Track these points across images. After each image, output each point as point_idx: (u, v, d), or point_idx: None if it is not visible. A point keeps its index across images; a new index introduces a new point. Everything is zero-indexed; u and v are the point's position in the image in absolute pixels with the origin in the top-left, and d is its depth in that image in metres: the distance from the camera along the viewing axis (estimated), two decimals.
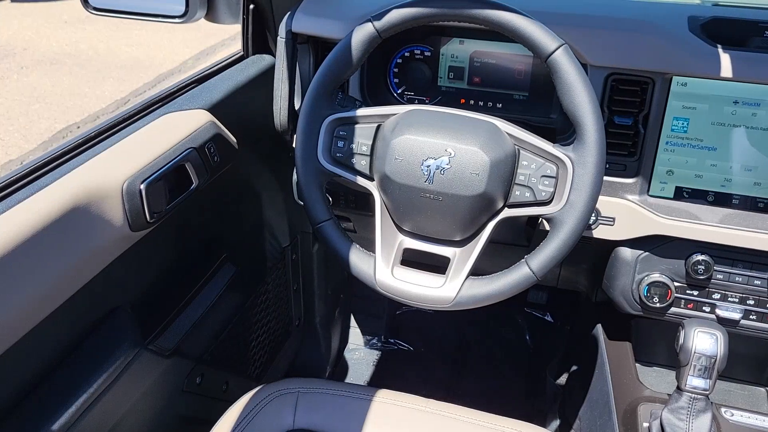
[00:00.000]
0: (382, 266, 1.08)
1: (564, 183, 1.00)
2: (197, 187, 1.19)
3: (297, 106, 1.34)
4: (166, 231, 1.17)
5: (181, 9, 1.26)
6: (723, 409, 1.26)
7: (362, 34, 1.07)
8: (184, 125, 1.20)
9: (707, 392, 1.12)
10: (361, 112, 1.09)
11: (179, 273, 1.29)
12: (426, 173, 1.02)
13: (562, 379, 1.85)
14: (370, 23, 1.06)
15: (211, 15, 1.33)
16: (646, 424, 1.21)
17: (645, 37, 1.14)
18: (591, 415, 1.41)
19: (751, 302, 1.22)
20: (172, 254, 1.26)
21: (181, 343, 1.26)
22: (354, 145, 1.08)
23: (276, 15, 1.40)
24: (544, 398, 1.92)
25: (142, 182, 1.06)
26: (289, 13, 1.30)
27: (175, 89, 1.34)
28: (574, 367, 1.74)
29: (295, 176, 1.38)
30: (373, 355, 2.14)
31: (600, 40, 1.15)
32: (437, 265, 1.08)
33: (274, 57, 1.38)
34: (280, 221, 1.69)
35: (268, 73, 1.42)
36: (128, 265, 1.11)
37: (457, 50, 1.30)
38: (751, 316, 1.23)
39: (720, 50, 1.11)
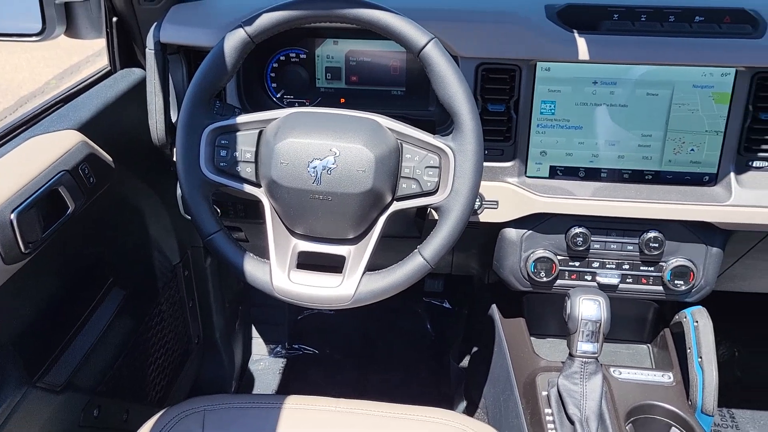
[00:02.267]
0: (277, 272, 1.07)
1: (447, 172, 1.04)
2: (74, 211, 1.13)
3: (174, 119, 1.30)
4: (44, 260, 1.11)
5: (38, 26, 1.18)
6: (612, 369, 1.35)
7: (234, 40, 1.05)
8: (54, 147, 1.14)
9: (596, 355, 1.19)
10: (242, 119, 1.08)
11: (64, 303, 1.22)
12: (313, 174, 1.02)
13: (465, 362, 1.91)
14: (241, 29, 1.05)
15: (72, 31, 1.26)
16: (545, 393, 1.27)
17: (508, 27, 1.20)
18: (494, 392, 1.47)
19: (627, 267, 1.31)
20: (54, 284, 1.20)
21: (72, 377, 1.19)
22: (237, 153, 1.07)
23: (142, 26, 1.35)
24: (449, 382, 1.97)
25: (12, 212, 0.99)
26: (155, 23, 1.26)
27: (39, 110, 1.27)
28: (475, 349, 1.81)
29: (179, 190, 1.34)
30: (279, 363, 2.12)
31: (467, 33, 1.20)
32: (333, 265, 1.09)
33: (144, 70, 1.33)
34: (168, 238, 1.63)
35: (140, 86, 1.37)
36: (5, 300, 1.04)
37: (333, 51, 1.31)
38: (627, 280, 1.32)
39: (576, 35, 1.18)
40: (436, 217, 1.07)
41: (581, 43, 1.18)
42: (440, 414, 1.16)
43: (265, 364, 2.13)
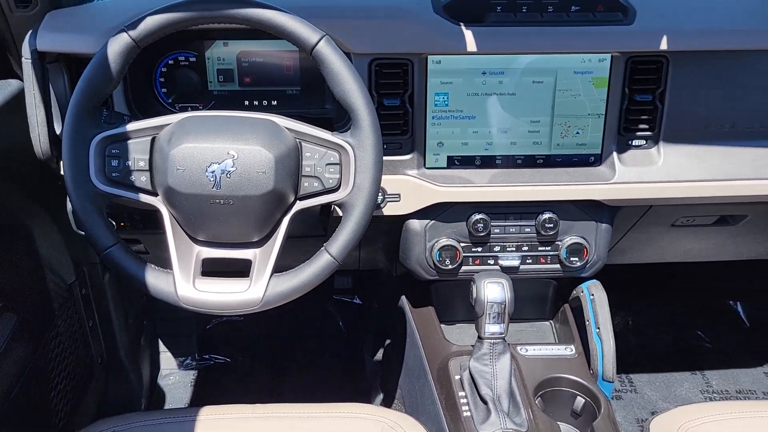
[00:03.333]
0: (182, 281, 1.05)
1: (348, 168, 1.04)
2: None
3: (58, 130, 1.24)
4: None
5: None
6: (519, 347, 1.40)
7: (118, 45, 1.02)
8: None
9: (503, 335, 1.24)
10: (132, 126, 1.04)
11: None
12: (212, 179, 1.00)
13: (379, 355, 1.93)
14: (125, 33, 1.02)
15: None
16: (457, 377, 1.31)
17: (397, 23, 1.22)
18: (409, 381, 1.50)
19: (526, 248, 1.37)
20: None
21: None
22: (130, 162, 1.03)
23: (16, 35, 1.27)
24: (365, 377, 1.99)
25: None
26: (31, 31, 1.19)
27: None
28: (388, 341, 1.83)
29: (69, 205, 1.28)
30: (190, 376, 2.06)
31: (358, 29, 1.21)
32: (240, 270, 1.08)
33: (22, 81, 1.26)
34: (61, 256, 1.55)
35: (18, 98, 1.29)
36: None
37: (223, 52, 1.29)
38: (527, 261, 1.38)
39: (463, 28, 1.22)
40: (341, 213, 1.08)
41: (468, 35, 1.22)
42: (358, 408, 1.17)
43: (175, 378, 2.06)
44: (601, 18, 1.24)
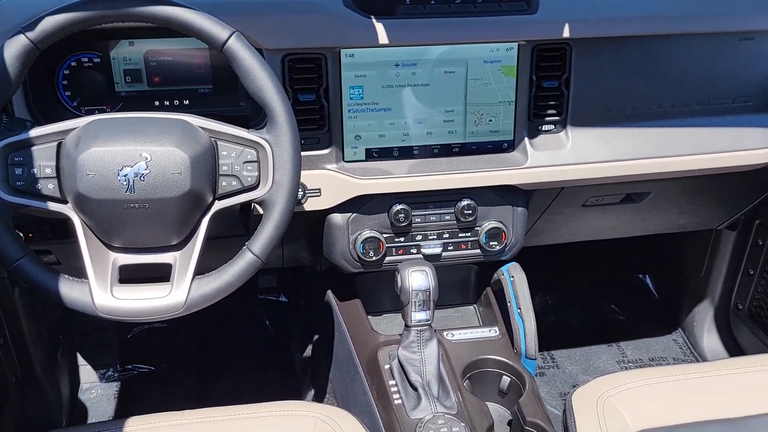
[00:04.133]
0: (98, 290, 1.01)
1: (266, 165, 1.03)
2: None
3: None
4: None
5: None
6: (445, 333, 1.43)
7: (15, 47, 0.97)
8: None
9: (429, 322, 1.26)
10: (35, 132, 0.99)
11: None
12: (125, 183, 0.97)
13: (308, 351, 1.93)
14: (22, 35, 0.97)
15: None
16: (387, 366, 1.33)
17: (308, 17, 1.22)
18: (340, 375, 1.50)
19: (447, 236, 1.40)
20: None
21: None
22: (35, 170, 0.99)
23: None
24: (295, 374, 1.98)
25: None
26: None
27: None
28: (316, 337, 1.83)
29: None
30: (113, 388, 1.99)
31: (269, 25, 1.20)
32: (160, 275, 1.05)
33: None
34: None
35: None
36: None
37: (129, 52, 1.25)
38: (449, 248, 1.41)
39: (374, 20, 1.23)
40: (261, 211, 1.07)
41: (379, 28, 1.23)
42: (290, 406, 1.17)
43: (97, 391, 1.99)
44: (507, 8, 1.28)
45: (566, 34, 1.28)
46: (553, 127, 1.37)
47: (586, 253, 2.27)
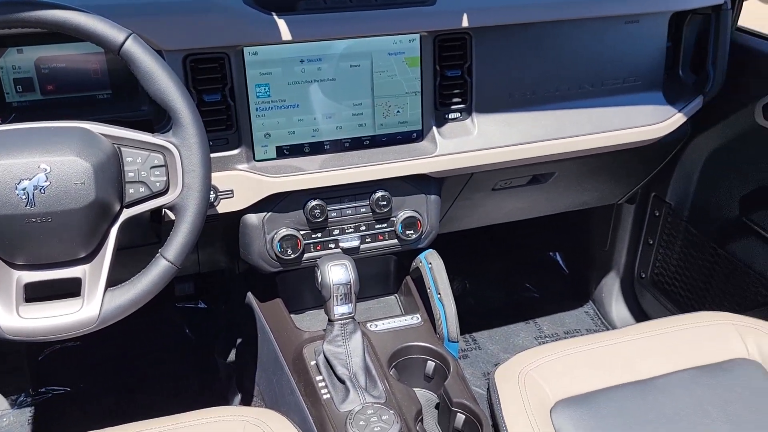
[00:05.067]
0: (3, 312, 0.96)
1: (175, 169, 1.01)
2: None
3: None
4: None
5: None
6: (368, 324, 1.45)
7: None
8: None
9: (352, 315, 1.27)
10: None
11: None
12: (24, 197, 0.93)
13: (232, 356, 1.90)
14: None
15: None
16: (313, 362, 1.33)
17: (207, 16, 1.19)
18: (266, 376, 1.49)
19: (364, 228, 1.41)
20: None
21: None
22: None
23: None
24: (220, 380, 1.94)
25: None
26: None
27: None
28: (239, 340, 1.81)
29: None
30: (26, 414, 1.90)
31: (167, 26, 1.17)
32: (70, 291, 1.01)
33: None
34: None
35: None
36: None
37: (18, 60, 1.18)
38: (366, 240, 1.42)
39: (275, 17, 1.22)
40: (173, 217, 1.05)
41: (281, 24, 1.22)
42: (217, 412, 1.15)
43: (9, 419, 1.88)
44: (406, 0, 1.30)
45: (465, 23, 1.32)
46: (459, 114, 1.41)
47: (499, 235, 2.35)
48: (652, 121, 1.51)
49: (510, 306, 2.25)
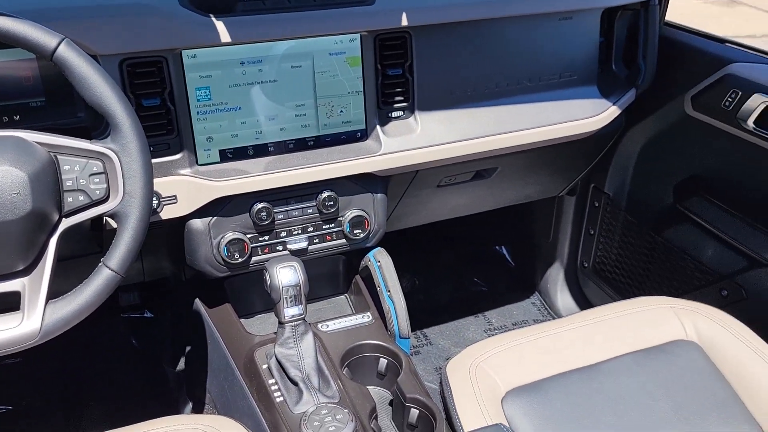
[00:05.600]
0: None
1: (115, 176, 0.99)
2: None
3: None
4: None
5: None
6: (320, 325, 1.45)
7: None
8: None
9: (303, 316, 1.27)
10: None
11: None
12: None
13: (181, 364, 1.87)
14: None
15: None
16: (265, 366, 1.32)
17: (143, 19, 1.17)
18: (217, 383, 1.47)
19: (311, 229, 1.41)
20: None
21: None
22: None
23: None
24: (170, 390, 1.91)
25: None
26: None
27: None
28: (188, 348, 1.78)
29: None
30: None
31: (102, 30, 1.15)
32: (9, 305, 0.98)
33: None
34: None
35: None
36: None
37: None
38: (315, 241, 1.42)
39: (213, 19, 1.21)
40: (115, 225, 1.02)
41: (220, 26, 1.21)
42: (169, 421, 1.13)
43: None
44: (345, 0, 1.30)
45: (404, 22, 1.33)
46: (402, 113, 1.42)
47: (446, 231, 2.37)
48: (588, 115, 1.55)
49: (459, 301, 2.28)
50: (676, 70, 1.62)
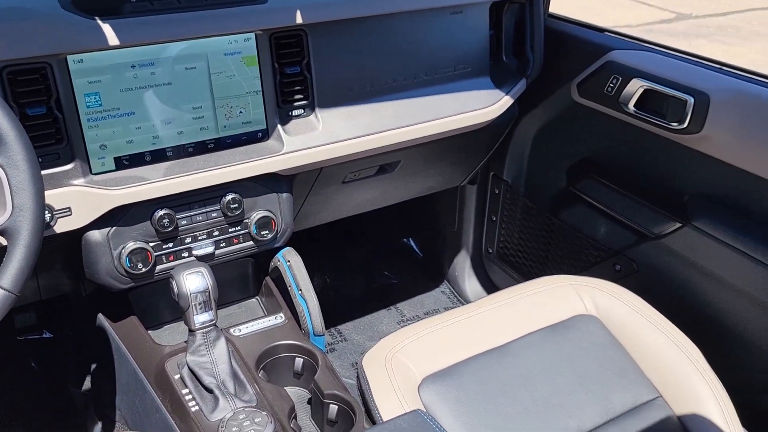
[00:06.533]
0: None
1: (2, 190, 0.94)
2: None
3: None
4: None
5: None
6: (231, 329, 1.43)
7: None
8: None
9: (214, 322, 1.25)
10: None
11: None
12: None
13: (87, 384, 1.79)
14: None
15: None
16: (177, 376, 1.29)
17: (23, 24, 1.11)
18: (128, 399, 1.42)
19: (217, 233, 1.39)
20: None
21: None
22: None
23: None
24: (76, 412, 1.83)
25: None
26: None
27: None
28: (94, 366, 1.70)
29: None
30: None
31: None
32: None
33: None
34: None
35: None
36: None
37: None
38: (221, 245, 1.40)
39: (99, 22, 1.16)
40: (5, 242, 0.97)
41: (106, 29, 1.17)
42: None
43: None
44: None
45: (299, 20, 1.33)
46: (303, 111, 1.42)
47: (354, 227, 2.39)
48: (483, 105, 1.61)
49: (371, 295, 2.30)
50: (562, 60, 1.70)
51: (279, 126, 1.39)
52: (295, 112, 1.41)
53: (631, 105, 1.52)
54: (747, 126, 1.32)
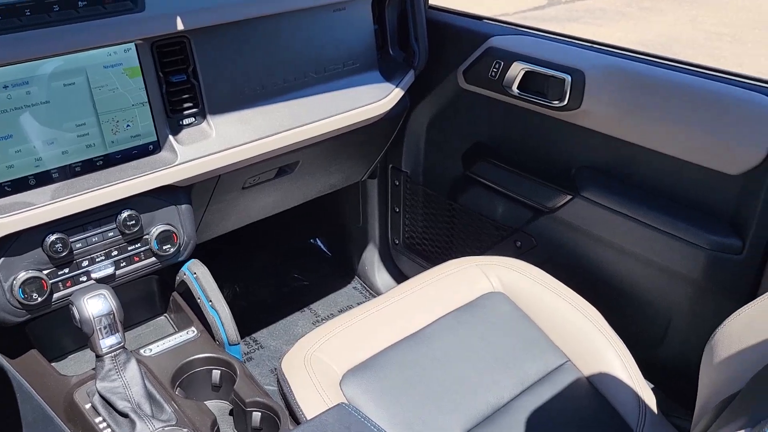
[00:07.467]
0: None
1: None
2: None
3: None
4: None
5: None
6: (141, 350, 1.38)
7: None
8: None
9: (122, 344, 1.21)
10: None
11: None
12: None
13: None
14: None
15: None
16: (88, 405, 1.23)
17: None
18: None
19: (116, 253, 1.33)
20: None
21: None
22: None
23: None
24: None
25: None
26: None
27: None
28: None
29: None
30: None
31: None
32: None
33: None
34: None
35: None
36: None
37: None
38: (122, 265, 1.35)
39: None
40: None
41: None
42: None
43: None
44: (112, 9, 1.24)
45: (179, 27, 1.30)
46: (194, 119, 1.39)
47: (259, 233, 2.36)
48: (374, 99, 1.63)
49: (283, 299, 2.28)
50: (446, 49, 1.75)
51: (170, 136, 1.35)
52: (186, 121, 1.38)
53: (514, 87, 1.59)
54: (620, 98, 1.41)
